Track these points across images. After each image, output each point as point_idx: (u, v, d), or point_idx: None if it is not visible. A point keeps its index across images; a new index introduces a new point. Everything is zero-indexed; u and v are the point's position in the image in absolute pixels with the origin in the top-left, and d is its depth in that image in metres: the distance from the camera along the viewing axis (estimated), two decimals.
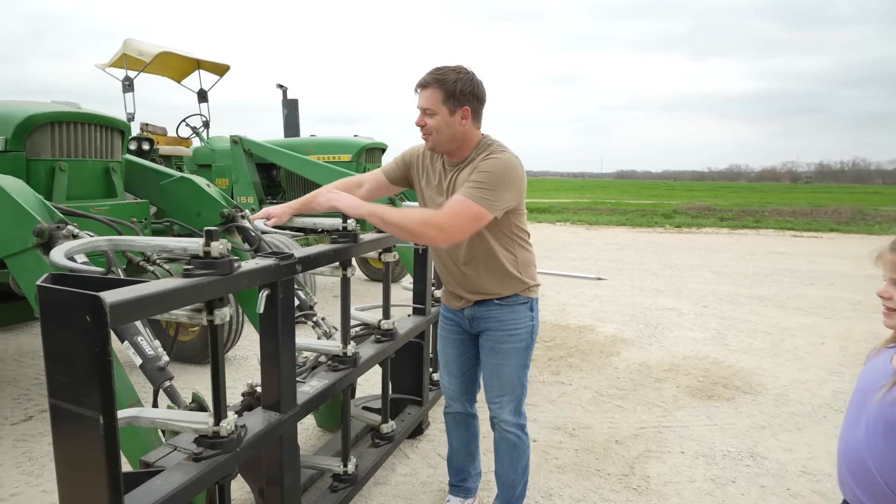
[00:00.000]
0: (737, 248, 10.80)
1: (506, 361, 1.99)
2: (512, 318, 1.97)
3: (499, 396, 2.04)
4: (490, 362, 2.03)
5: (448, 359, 2.20)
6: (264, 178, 6.01)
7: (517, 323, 1.97)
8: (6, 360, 4.29)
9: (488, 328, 2.00)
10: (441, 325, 2.20)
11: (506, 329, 1.97)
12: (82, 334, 1.05)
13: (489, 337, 2.01)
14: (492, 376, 2.04)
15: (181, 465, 1.38)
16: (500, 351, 1.99)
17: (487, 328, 2.01)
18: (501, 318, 1.97)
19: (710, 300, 6.31)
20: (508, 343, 1.98)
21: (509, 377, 2.00)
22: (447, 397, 2.26)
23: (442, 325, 2.20)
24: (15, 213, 2.10)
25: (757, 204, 23.22)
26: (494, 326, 1.99)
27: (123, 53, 6.09)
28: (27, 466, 2.73)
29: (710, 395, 3.61)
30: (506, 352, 1.98)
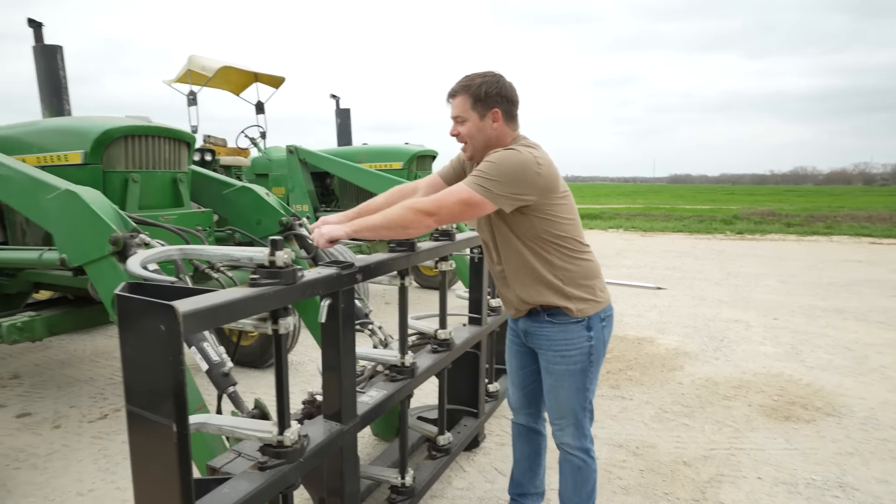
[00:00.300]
0: (807, 256, 10.11)
1: (560, 384, 1.89)
2: (563, 339, 1.85)
3: (558, 419, 1.95)
4: (547, 382, 1.94)
5: (512, 368, 2.14)
6: (318, 186, 6.15)
7: (569, 344, 1.84)
8: (83, 361, 4.56)
9: (541, 346, 1.91)
10: (508, 335, 2.14)
11: (557, 350, 1.86)
12: (157, 343, 1.07)
13: (543, 356, 1.93)
14: (549, 397, 1.95)
15: (247, 474, 1.38)
16: (553, 372, 1.90)
17: (540, 346, 1.92)
18: (553, 336, 1.86)
19: (780, 312, 5.90)
20: (561, 365, 1.87)
21: (566, 400, 1.90)
22: (511, 405, 2.21)
23: (507, 334, 2.14)
24: (94, 222, 2.22)
25: (827, 208, 21.72)
26: (546, 346, 1.89)
27: (188, 69, 6.41)
28: (103, 463, 2.86)
29: (788, 416, 3.35)
30: (559, 374, 1.88)
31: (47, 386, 3.99)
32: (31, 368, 4.37)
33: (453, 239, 2.28)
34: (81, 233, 2.26)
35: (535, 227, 1.78)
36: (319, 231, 1.75)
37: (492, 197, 1.67)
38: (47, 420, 3.41)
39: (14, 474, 2.77)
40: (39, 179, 2.43)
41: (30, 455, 2.96)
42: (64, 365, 4.45)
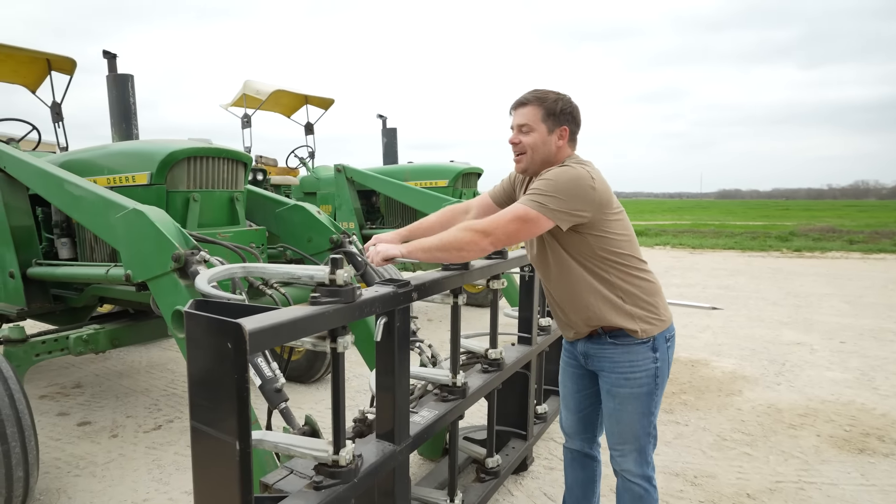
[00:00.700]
0: (874, 275, 9.48)
1: (624, 407, 1.82)
2: (628, 360, 1.79)
3: (620, 444, 1.88)
4: (608, 406, 1.87)
5: (566, 392, 2.08)
6: (364, 204, 6.25)
7: (635, 365, 1.79)
8: (140, 372, 4.74)
9: (603, 369, 1.85)
10: (563, 357, 2.09)
11: (621, 372, 1.80)
12: (223, 360, 1.08)
13: (605, 378, 1.86)
14: (611, 422, 1.88)
15: (303, 493, 1.38)
16: (617, 395, 1.82)
17: (602, 368, 1.85)
18: (616, 358, 1.80)
19: (847, 335, 5.53)
20: (625, 388, 1.80)
21: (630, 424, 1.83)
22: (565, 432, 2.13)
23: (563, 358, 2.09)
24: (158, 240, 2.31)
25: (894, 224, 20.40)
26: (609, 368, 1.82)
27: (243, 93, 6.70)
28: (156, 473, 2.95)
29: (862, 449, 3.11)
30: (623, 396, 1.81)
31: (106, 396, 4.17)
32: (92, 378, 4.59)
33: (506, 257, 2.25)
34: (146, 250, 2.35)
35: (592, 245, 1.74)
36: (375, 249, 1.76)
37: (548, 213, 1.64)
38: (105, 429, 3.55)
39: (75, 481, 2.88)
40: (109, 199, 2.56)
41: (89, 463, 3.08)
42: (122, 376, 4.65)
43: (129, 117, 3.77)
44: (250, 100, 6.77)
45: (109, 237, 2.61)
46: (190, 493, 2.74)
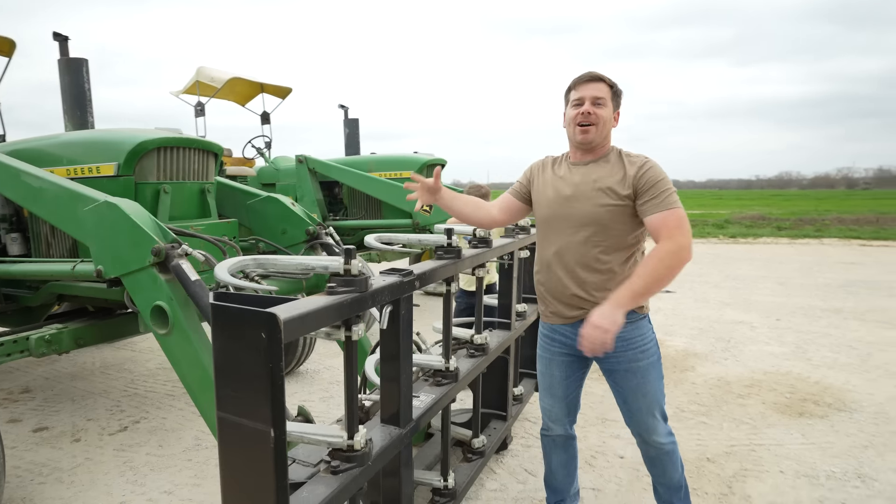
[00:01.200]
0: (801, 259, 10.32)
1: (647, 378, 1.93)
2: (639, 335, 1.92)
3: (650, 416, 1.97)
4: (630, 385, 1.95)
5: (552, 381, 2.14)
6: (327, 195, 6.18)
7: (644, 338, 1.93)
8: (94, 373, 4.53)
9: (615, 350, 1.87)
10: (545, 346, 2.14)
11: (636, 347, 1.92)
12: (257, 350, 1.10)
13: (620, 359, 1.93)
14: (636, 398, 1.96)
15: (322, 478, 1.42)
16: (637, 370, 1.93)
17: (615, 350, 1.86)
18: (627, 336, 1.89)
19: (782, 313, 6.04)
20: (643, 360, 1.93)
21: (654, 393, 1.95)
22: (549, 420, 2.22)
23: (545, 347, 2.13)
24: (134, 234, 2.23)
25: (815, 212, 22.18)
26: (623, 347, 1.90)
27: (196, 80, 6.42)
28: (130, 475, 2.86)
29: (801, 413, 3.44)
30: (644, 369, 1.93)
31: (60, 399, 3.96)
32: (41, 382, 4.34)
33: (491, 246, 2.33)
34: (120, 244, 2.27)
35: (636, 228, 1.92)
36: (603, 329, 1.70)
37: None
38: (66, 434, 3.39)
39: (40, 489, 2.76)
40: (75, 191, 2.44)
41: (53, 469, 2.95)
42: (75, 378, 4.42)
43: (84, 104, 3.56)
44: (204, 87, 6.50)
45: (76, 231, 2.49)
46: (169, 492, 2.69)
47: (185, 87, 6.57)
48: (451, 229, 2.05)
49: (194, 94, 6.49)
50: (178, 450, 3.12)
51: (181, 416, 3.59)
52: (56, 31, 3.62)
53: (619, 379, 1.99)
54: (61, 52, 3.59)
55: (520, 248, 2.79)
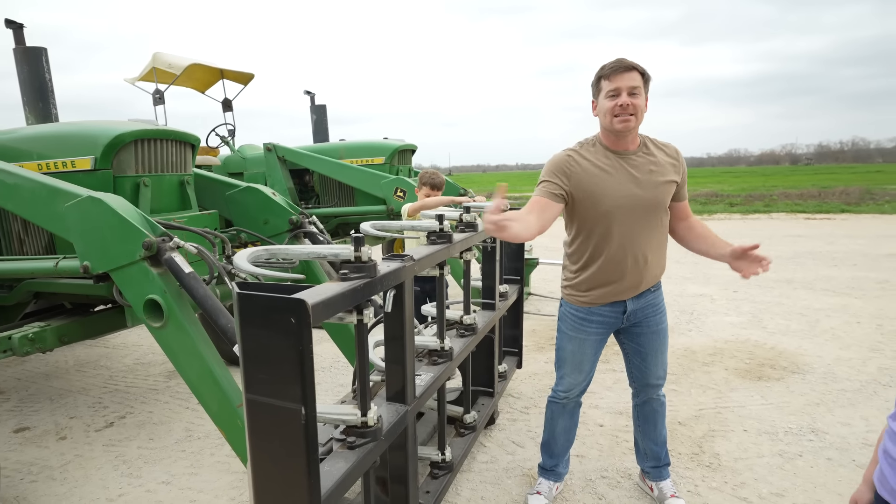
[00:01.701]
0: (752, 233, 10.90)
1: (665, 337, 2.26)
2: (661, 301, 2.25)
3: (664, 371, 2.30)
4: (654, 344, 2.23)
5: (583, 358, 2.27)
6: (297, 183, 6.13)
7: (663, 303, 2.27)
8: (70, 372, 4.43)
9: (647, 315, 2.20)
10: (579, 328, 2.22)
11: (662, 311, 2.24)
12: (287, 334, 1.18)
13: (650, 322, 2.21)
14: (657, 355, 2.25)
15: (341, 453, 1.51)
16: (661, 331, 2.23)
17: (646, 315, 2.20)
18: (656, 302, 2.21)
19: (738, 285, 6.42)
20: (664, 322, 2.25)
21: (667, 350, 2.29)
22: (569, 392, 2.35)
23: (580, 328, 2.22)
24: (121, 228, 2.23)
25: (763, 188, 23.29)
26: (653, 311, 2.20)
27: (153, 67, 6.20)
28: (124, 469, 2.87)
29: (760, 377, 3.74)
30: (664, 331, 2.25)
31: (38, 399, 3.87)
32: (13, 383, 4.22)
33: (477, 230, 2.44)
34: (108, 239, 2.25)
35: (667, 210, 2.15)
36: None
37: None
38: (49, 432, 3.34)
39: (32, 487, 2.74)
40: (54, 187, 2.40)
41: (43, 468, 2.92)
42: (49, 377, 4.31)
43: (47, 96, 3.42)
44: (161, 74, 6.29)
45: (57, 228, 2.46)
46: (167, 482, 2.72)
47: (140, 73, 6.33)
48: (441, 215, 2.14)
49: (151, 81, 6.27)
50: (170, 442, 3.13)
51: (168, 409, 3.59)
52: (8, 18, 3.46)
53: (644, 341, 2.24)
54: (16, 40, 3.43)
55: None
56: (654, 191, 2.05)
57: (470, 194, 5.74)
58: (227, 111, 7.09)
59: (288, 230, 3.21)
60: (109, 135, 2.63)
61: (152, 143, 2.82)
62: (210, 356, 2.14)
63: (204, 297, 2.14)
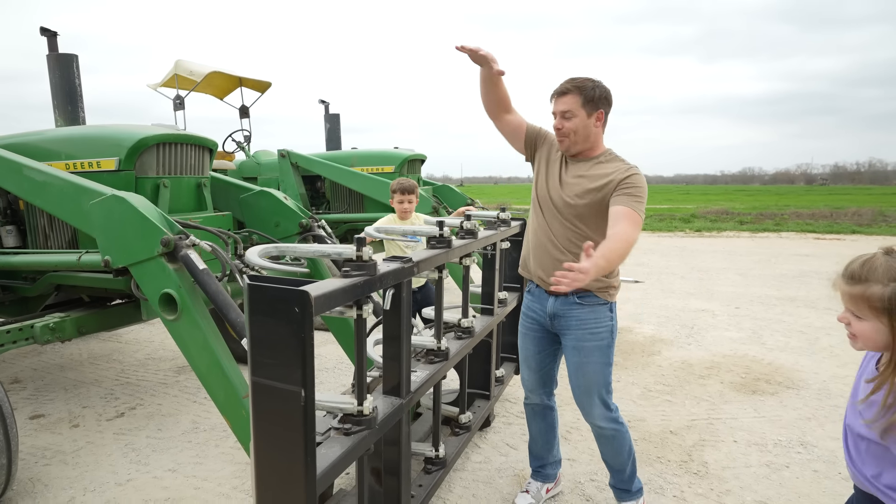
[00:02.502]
0: (760, 251, 10.89)
1: (589, 359, 2.15)
2: (593, 318, 2.14)
3: (586, 397, 2.19)
4: (573, 360, 2.18)
5: (528, 354, 2.40)
6: (309, 189, 6.30)
7: (598, 323, 2.14)
8: (83, 364, 4.59)
9: (570, 327, 2.16)
10: (522, 322, 2.41)
11: (587, 328, 2.14)
12: (290, 322, 1.30)
13: (571, 335, 2.17)
14: (577, 375, 2.18)
15: (337, 439, 1.62)
16: (582, 349, 2.15)
17: (569, 327, 2.17)
18: (583, 317, 2.14)
19: (741, 302, 6.46)
20: (591, 341, 2.14)
21: (594, 374, 2.15)
22: (526, 389, 2.48)
23: (522, 323, 2.41)
24: (142, 225, 2.37)
25: (774, 207, 23.17)
26: (576, 325, 2.15)
27: (175, 74, 6.44)
28: (133, 456, 3.00)
29: (755, 391, 3.79)
30: (588, 350, 2.14)
31: (52, 389, 4.03)
32: (29, 373, 4.39)
33: (476, 238, 2.55)
34: (129, 235, 2.40)
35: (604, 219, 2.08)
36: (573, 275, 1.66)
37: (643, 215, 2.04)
38: (63, 420, 3.49)
39: (46, 470, 2.87)
40: (81, 185, 2.56)
41: (56, 452, 3.06)
42: (64, 369, 4.48)
43: (76, 100, 3.61)
44: (182, 80, 6.52)
45: (82, 224, 2.61)
46: (173, 470, 2.84)
47: (162, 80, 6.57)
48: (442, 221, 2.26)
49: (172, 87, 6.51)
50: (177, 433, 3.26)
51: (177, 402, 3.72)
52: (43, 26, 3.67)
53: (566, 354, 2.23)
54: (50, 47, 3.64)
55: (502, 240, 3.02)
56: (574, 196, 2.11)
57: (477, 205, 5.87)
58: (244, 118, 7.31)
59: (297, 233, 3.35)
60: (134, 138, 2.79)
61: (173, 147, 2.98)
62: (219, 349, 2.27)
63: (216, 293, 2.27)
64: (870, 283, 1.18)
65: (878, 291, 1.16)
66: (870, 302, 1.18)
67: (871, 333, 1.20)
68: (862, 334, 1.22)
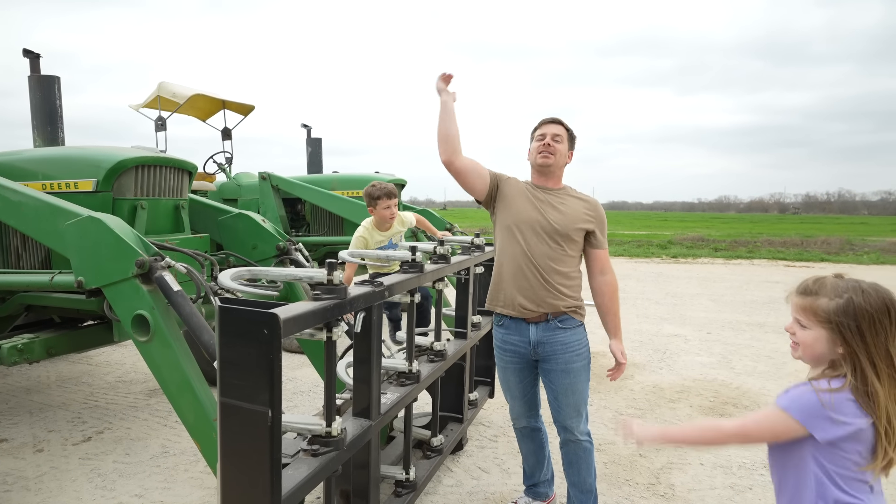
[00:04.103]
0: (733, 278, 11.17)
1: (578, 378, 2.30)
2: (576, 340, 2.30)
3: (576, 413, 2.33)
4: (563, 383, 2.30)
5: (511, 385, 2.49)
6: (289, 212, 6.34)
7: (580, 343, 2.31)
8: (51, 387, 4.49)
9: (555, 352, 2.29)
10: (500, 356, 2.47)
11: (573, 350, 2.29)
12: (260, 344, 1.34)
13: (558, 360, 2.29)
14: (566, 395, 2.30)
15: (304, 459, 1.64)
16: (571, 371, 2.29)
17: (554, 352, 2.29)
18: (567, 340, 2.28)
19: (712, 327, 6.62)
20: (577, 362, 2.30)
21: (582, 392, 2.32)
22: (513, 416, 2.58)
23: (501, 357, 2.47)
24: (117, 247, 2.39)
25: (748, 234, 23.80)
26: (562, 349, 2.28)
27: (158, 95, 6.48)
28: (99, 482, 2.94)
29: (722, 414, 3.88)
30: (577, 370, 2.29)
31: (17, 412, 3.93)
32: None
33: (449, 262, 2.62)
34: (103, 256, 2.41)
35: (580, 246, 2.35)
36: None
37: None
38: (27, 444, 3.40)
39: (7, 497, 2.80)
40: (57, 206, 2.57)
41: (18, 478, 2.98)
42: (30, 392, 4.37)
43: (56, 121, 3.63)
44: (165, 102, 6.57)
45: (56, 244, 2.61)
46: (139, 496, 2.80)
47: (145, 101, 6.60)
48: (414, 247, 2.33)
49: (155, 108, 6.54)
50: (146, 457, 3.21)
51: (146, 426, 3.66)
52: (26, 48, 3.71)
53: (554, 378, 2.32)
54: (32, 68, 3.67)
55: (475, 265, 3.09)
56: (557, 220, 2.28)
57: (455, 230, 5.96)
58: (227, 139, 7.35)
59: (275, 255, 3.38)
60: (112, 160, 2.83)
61: (152, 169, 3.01)
62: (191, 370, 2.28)
63: (189, 315, 2.29)
64: (819, 296, 1.31)
65: (824, 304, 1.29)
66: (816, 312, 1.30)
67: (811, 341, 1.32)
68: (804, 342, 1.34)
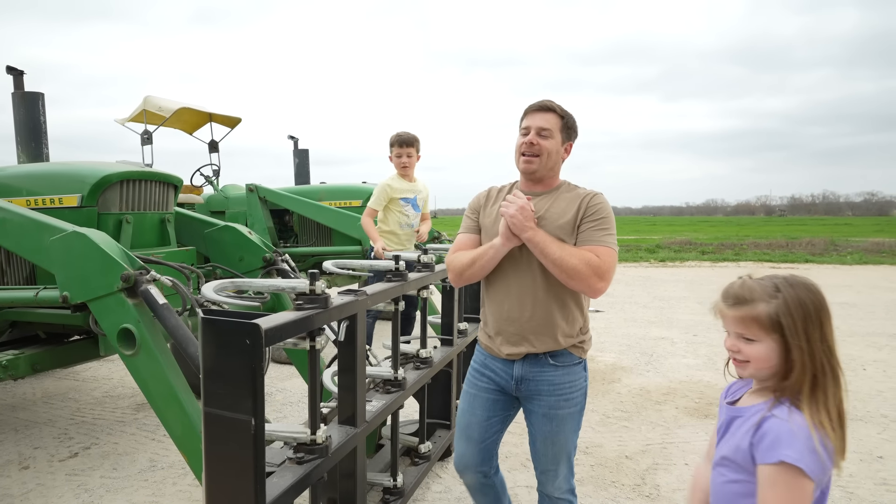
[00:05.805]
0: (719, 281, 11.23)
1: (562, 428, 1.84)
2: (568, 381, 1.84)
3: (553, 465, 1.89)
4: (544, 430, 1.86)
5: (472, 421, 1.96)
6: (277, 223, 6.35)
7: (573, 386, 1.85)
8: (36, 403, 4.45)
9: (540, 392, 1.84)
10: (471, 381, 2.00)
11: (561, 394, 1.83)
12: (242, 354, 1.37)
13: (542, 402, 1.85)
14: (545, 444, 1.87)
15: (289, 467, 1.67)
16: (555, 417, 1.84)
17: (539, 392, 1.84)
18: (556, 381, 1.83)
19: (699, 329, 6.70)
20: (564, 409, 1.84)
21: (564, 444, 1.87)
22: (460, 467, 2.02)
23: (473, 382, 1.99)
24: (102, 261, 2.41)
25: (735, 237, 24.10)
26: (548, 391, 1.83)
27: (143, 109, 6.49)
28: (85, 497, 2.92)
29: (707, 415, 3.94)
30: (562, 418, 1.84)
31: (2, 430, 3.89)
32: None
33: (433, 270, 2.67)
34: (88, 271, 2.42)
35: None
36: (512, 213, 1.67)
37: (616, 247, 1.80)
38: (12, 462, 3.37)
39: None
40: (40, 222, 2.58)
41: (3, 496, 2.96)
42: (15, 409, 4.33)
43: (40, 137, 3.64)
44: (151, 116, 6.57)
45: (41, 260, 2.62)
46: None
47: (131, 115, 6.61)
48: (398, 255, 2.38)
49: (141, 122, 6.55)
50: (133, 472, 3.20)
51: (133, 441, 3.64)
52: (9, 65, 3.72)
53: (535, 421, 1.89)
54: (16, 85, 3.68)
55: None
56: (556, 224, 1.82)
57: (443, 237, 6.01)
58: (214, 152, 7.36)
59: (261, 267, 3.40)
60: (97, 175, 2.84)
61: (137, 184, 3.03)
62: (177, 383, 2.29)
63: (175, 327, 2.31)
64: (754, 301, 1.17)
65: (764, 308, 1.15)
66: (759, 321, 1.16)
67: (764, 353, 1.17)
68: (756, 357, 1.18)
